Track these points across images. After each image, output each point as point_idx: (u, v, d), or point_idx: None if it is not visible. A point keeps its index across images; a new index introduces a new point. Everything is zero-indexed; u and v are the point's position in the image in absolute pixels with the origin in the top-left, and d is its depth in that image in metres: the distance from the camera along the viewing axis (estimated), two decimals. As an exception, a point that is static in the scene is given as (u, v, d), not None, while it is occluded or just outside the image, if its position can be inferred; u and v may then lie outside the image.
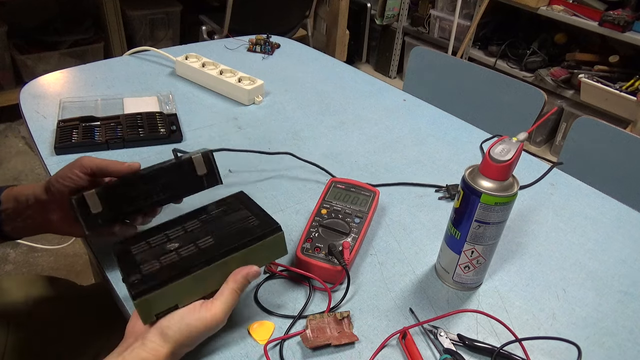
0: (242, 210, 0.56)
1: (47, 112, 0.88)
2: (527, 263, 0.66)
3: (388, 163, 0.84)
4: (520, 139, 0.52)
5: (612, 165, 0.97)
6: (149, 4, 2.43)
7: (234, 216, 0.55)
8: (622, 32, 1.98)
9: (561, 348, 0.54)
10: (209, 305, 0.47)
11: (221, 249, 0.50)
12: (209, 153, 0.58)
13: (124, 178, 0.55)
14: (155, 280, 0.46)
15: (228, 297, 0.48)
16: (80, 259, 1.61)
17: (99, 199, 0.53)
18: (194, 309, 0.47)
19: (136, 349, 0.45)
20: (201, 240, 0.51)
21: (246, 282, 0.50)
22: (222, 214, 0.56)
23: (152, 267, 0.48)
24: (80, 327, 0.73)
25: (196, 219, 0.55)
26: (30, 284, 0.75)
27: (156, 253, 0.50)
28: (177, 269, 0.48)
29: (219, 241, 0.51)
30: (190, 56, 1.05)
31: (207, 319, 0.46)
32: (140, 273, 0.48)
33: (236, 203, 0.57)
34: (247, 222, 0.54)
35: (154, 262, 0.49)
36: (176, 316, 0.47)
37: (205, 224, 0.54)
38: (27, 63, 2.16)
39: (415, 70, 1.31)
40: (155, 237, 0.53)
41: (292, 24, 2.40)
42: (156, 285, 0.46)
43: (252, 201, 0.58)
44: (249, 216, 0.54)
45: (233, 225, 0.53)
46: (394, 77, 2.96)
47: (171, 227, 0.55)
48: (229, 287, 0.49)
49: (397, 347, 0.53)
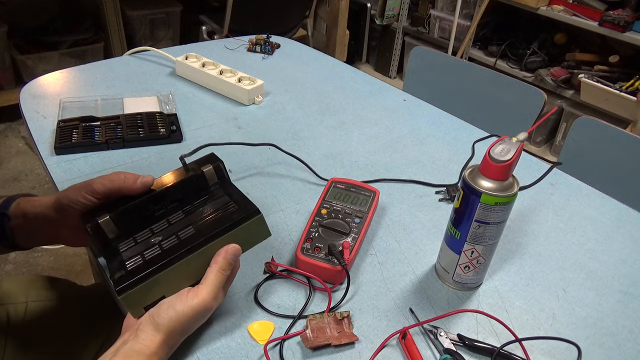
0: (223, 197, 0.56)
1: (47, 112, 0.88)
2: (527, 263, 0.66)
3: (388, 163, 0.84)
4: (520, 139, 0.52)
5: (612, 165, 0.97)
6: (149, 4, 2.43)
7: (215, 204, 0.55)
8: (622, 32, 1.98)
9: (561, 348, 0.54)
10: (195, 291, 0.48)
11: (200, 237, 0.50)
12: (220, 164, 0.58)
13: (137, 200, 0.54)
14: (138, 274, 0.47)
15: (213, 279, 0.49)
16: (80, 259, 1.61)
17: (114, 224, 0.52)
18: (181, 296, 0.47)
19: (130, 341, 0.45)
20: (182, 231, 0.52)
21: (227, 260, 0.50)
22: (204, 202, 0.56)
23: (135, 263, 0.49)
24: (80, 327, 0.73)
25: (180, 211, 0.55)
26: (30, 284, 0.75)
27: (141, 248, 0.51)
28: (158, 261, 0.48)
29: (199, 230, 0.51)
30: (190, 56, 1.05)
31: (195, 304, 0.47)
32: (125, 269, 0.48)
33: (218, 190, 0.57)
34: (226, 208, 0.54)
35: (138, 258, 0.50)
36: (164, 305, 0.47)
37: (188, 214, 0.54)
38: (27, 63, 2.16)
39: (415, 70, 1.31)
40: (141, 233, 0.53)
41: (292, 24, 2.40)
42: (139, 280, 0.47)
43: (232, 185, 0.58)
44: (229, 202, 0.54)
45: (213, 214, 0.53)
46: (394, 77, 2.96)
47: (157, 220, 0.54)
48: (212, 270, 0.49)
49: (397, 347, 0.53)
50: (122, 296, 0.46)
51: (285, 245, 0.65)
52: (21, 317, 0.71)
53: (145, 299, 0.48)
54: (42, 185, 1.90)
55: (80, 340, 0.72)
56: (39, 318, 0.72)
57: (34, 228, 0.55)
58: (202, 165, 0.57)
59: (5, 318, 0.70)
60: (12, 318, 0.70)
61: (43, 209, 0.53)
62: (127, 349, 0.45)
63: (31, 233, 0.56)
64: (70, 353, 0.71)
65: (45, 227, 0.55)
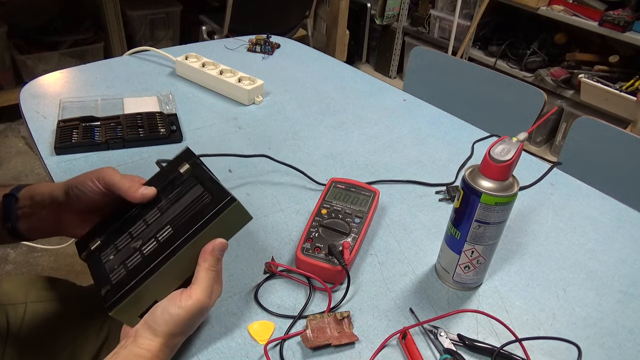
0: (196, 186, 0.53)
1: (47, 112, 0.88)
2: (527, 263, 0.66)
3: (388, 163, 0.84)
4: (520, 139, 0.52)
5: (612, 165, 0.97)
6: (149, 4, 2.43)
7: (190, 196, 0.53)
8: (622, 32, 1.98)
9: (561, 348, 0.54)
10: (189, 292, 0.47)
11: (180, 238, 0.49)
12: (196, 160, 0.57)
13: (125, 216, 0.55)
14: (123, 288, 0.47)
15: (204, 278, 0.48)
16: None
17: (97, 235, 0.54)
18: (174, 299, 0.47)
19: (129, 346, 0.45)
20: (161, 232, 0.51)
21: (215, 256, 0.49)
22: (178, 196, 0.54)
23: (119, 274, 0.48)
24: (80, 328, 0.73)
25: (156, 207, 0.54)
26: (30, 284, 0.75)
27: (122, 256, 0.50)
28: (141, 270, 0.47)
29: (177, 230, 0.50)
30: (190, 56, 1.05)
31: (190, 305, 0.47)
32: (110, 283, 0.48)
33: (190, 180, 0.55)
34: (201, 201, 0.52)
35: (121, 268, 0.49)
36: (158, 310, 0.47)
37: (164, 212, 0.53)
38: (27, 63, 2.16)
39: (415, 70, 1.31)
40: (120, 239, 0.53)
41: (292, 24, 2.40)
42: (125, 294, 0.46)
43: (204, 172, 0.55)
44: (203, 193, 0.52)
45: (189, 208, 0.51)
46: (394, 77, 2.96)
47: (134, 222, 0.54)
48: (202, 268, 0.49)
49: (397, 347, 0.53)
50: (112, 312, 0.46)
51: (285, 245, 0.65)
52: (21, 317, 0.71)
53: (137, 309, 0.48)
54: (42, 185, 1.90)
55: (80, 340, 0.72)
56: (39, 318, 0.72)
57: (38, 212, 0.55)
58: (179, 166, 0.56)
59: (4, 318, 0.70)
60: (12, 318, 0.70)
61: (52, 191, 0.55)
62: (127, 352, 0.44)
63: (35, 217, 0.56)
64: (70, 353, 0.71)
65: (50, 211, 0.55)
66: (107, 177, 0.53)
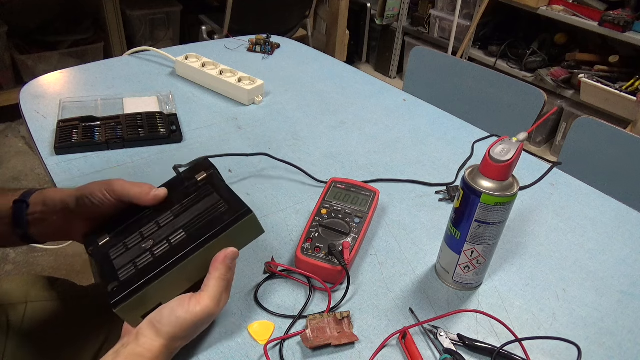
0: (212, 195, 0.54)
1: (47, 112, 0.88)
2: (527, 263, 0.66)
3: (388, 163, 0.84)
4: (520, 139, 0.52)
5: (612, 165, 0.97)
6: (149, 4, 2.43)
7: (205, 203, 0.53)
8: (622, 32, 1.98)
9: (561, 348, 0.54)
10: (198, 298, 0.47)
11: (192, 243, 0.49)
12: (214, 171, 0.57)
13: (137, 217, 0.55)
14: (132, 286, 0.47)
15: (214, 286, 0.48)
16: (80, 259, 1.61)
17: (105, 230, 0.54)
18: (183, 302, 0.47)
19: (130, 345, 0.45)
20: (173, 235, 0.51)
21: (226, 265, 0.49)
22: (193, 202, 0.54)
23: (128, 273, 0.48)
24: (80, 327, 0.73)
25: (169, 211, 0.54)
26: (30, 284, 0.75)
27: (132, 255, 0.50)
28: (151, 271, 0.47)
29: (191, 235, 0.50)
30: (190, 56, 1.05)
31: (198, 311, 0.47)
32: (118, 280, 0.48)
33: (206, 187, 0.55)
34: (217, 209, 0.52)
35: (130, 266, 0.49)
36: (166, 311, 0.47)
37: (177, 216, 0.53)
38: (27, 63, 2.16)
39: (415, 70, 1.31)
40: (131, 237, 0.53)
41: (292, 24, 2.40)
42: (133, 292, 0.46)
43: (221, 181, 0.56)
44: (219, 201, 0.53)
45: (204, 215, 0.52)
46: (394, 77, 2.96)
47: (146, 222, 0.54)
48: (212, 277, 0.49)
49: (397, 347, 0.53)
50: (117, 309, 0.46)
51: (285, 245, 0.65)
52: (21, 317, 0.71)
53: (141, 309, 0.48)
54: (42, 185, 1.90)
55: (80, 340, 0.72)
56: (39, 318, 0.72)
57: (49, 217, 0.56)
58: (196, 173, 0.57)
59: (5, 318, 0.70)
60: (12, 318, 0.70)
61: (64, 197, 0.55)
62: (128, 351, 0.45)
63: (47, 223, 0.56)
64: (70, 353, 0.71)
65: (61, 217, 0.55)
66: (117, 190, 0.53)
